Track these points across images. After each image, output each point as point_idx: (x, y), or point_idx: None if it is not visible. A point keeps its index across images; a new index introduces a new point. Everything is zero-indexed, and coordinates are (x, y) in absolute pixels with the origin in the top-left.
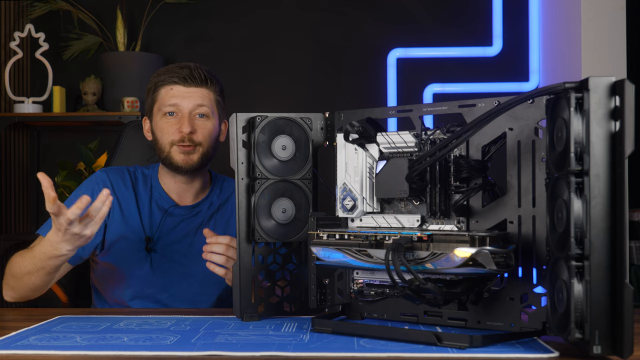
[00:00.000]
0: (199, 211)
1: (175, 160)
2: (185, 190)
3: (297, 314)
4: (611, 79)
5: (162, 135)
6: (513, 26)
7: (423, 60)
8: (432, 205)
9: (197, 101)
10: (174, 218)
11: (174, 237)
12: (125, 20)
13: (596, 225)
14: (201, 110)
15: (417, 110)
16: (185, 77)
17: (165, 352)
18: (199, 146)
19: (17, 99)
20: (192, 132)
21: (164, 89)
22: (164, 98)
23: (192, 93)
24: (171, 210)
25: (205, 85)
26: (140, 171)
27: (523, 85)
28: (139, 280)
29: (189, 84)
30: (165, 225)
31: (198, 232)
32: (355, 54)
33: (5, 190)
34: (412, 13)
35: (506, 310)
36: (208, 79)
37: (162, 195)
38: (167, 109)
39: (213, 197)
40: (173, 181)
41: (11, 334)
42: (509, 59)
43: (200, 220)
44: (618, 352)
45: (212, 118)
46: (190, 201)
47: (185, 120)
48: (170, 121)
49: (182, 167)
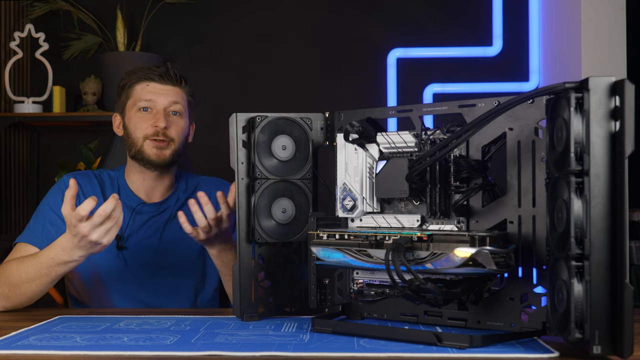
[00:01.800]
0: (166, 207)
1: (148, 154)
2: (153, 187)
3: (297, 314)
4: (611, 79)
5: (136, 129)
6: (513, 26)
7: (423, 60)
8: (432, 205)
9: (172, 98)
10: (142, 216)
11: (144, 234)
12: (125, 20)
13: (596, 225)
14: (175, 107)
15: (417, 110)
16: (162, 74)
17: (165, 352)
18: (171, 142)
19: (17, 99)
20: (166, 127)
21: (140, 85)
22: (140, 94)
23: (167, 90)
24: (139, 208)
25: (179, 84)
26: (106, 174)
27: (523, 85)
28: (114, 278)
29: (165, 82)
30: (135, 223)
31: (166, 227)
32: (355, 54)
33: (5, 190)
34: (412, 13)
35: (506, 310)
36: (182, 79)
37: (129, 194)
38: (142, 104)
39: (179, 192)
40: (142, 178)
41: (11, 334)
42: (509, 59)
43: (167, 215)
44: (618, 352)
45: (184, 117)
46: (158, 198)
47: (160, 115)
48: (145, 116)
49: (154, 162)
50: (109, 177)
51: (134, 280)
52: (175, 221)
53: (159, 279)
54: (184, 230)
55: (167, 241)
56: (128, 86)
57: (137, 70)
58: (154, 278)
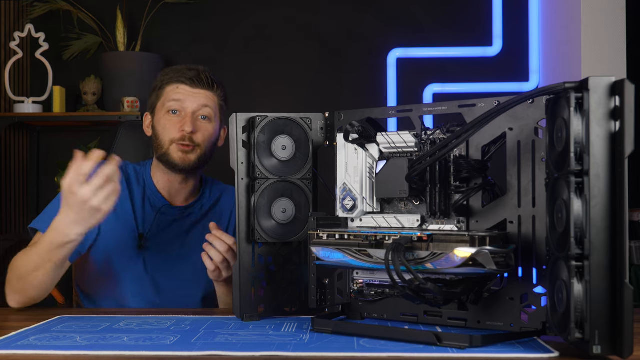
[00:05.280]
0: (190, 213)
1: (173, 158)
2: (178, 190)
3: (297, 314)
4: (611, 79)
5: (164, 132)
6: (513, 26)
7: (423, 60)
8: (432, 205)
9: (202, 102)
10: (166, 217)
11: (166, 238)
12: (125, 20)
13: (596, 225)
14: (204, 111)
15: (417, 110)
16: (193, 78)
17: (165, 352)
18: (197, 147)
19: (17, 99)
20: (193, 132)
21: (170, 87)
22: (169, 95)
23: (197, 94)
24: (164, 209)
25: (211, 89)
26: (131, 167)
27: (523, 85)
28: (132, 276)
29: (196, 85)
30: (158, 224)
31: (189, 234)
32: (355, 54)
33: (5, 190)
34: (412, 13)
35: (506, 310)
36: (215, 83)
37: (155, 193)
38: (171, 105)
39: (204, 199)
40: (167, 179)
41: (11, 334)
42: (509, 59)
43: (191, 222)
44: (618, 352)
45: (213, 121)
46: (181, 202)
47: (188, 119)
48: (173, 119)
49: (178, 165)
50: (134, 171)
51: (151, 284)
52: (197, 229)
53: (173, 288)
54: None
55: (188, 249)
56: (159, 87)
57: (170, 72)
58: (168, 285)
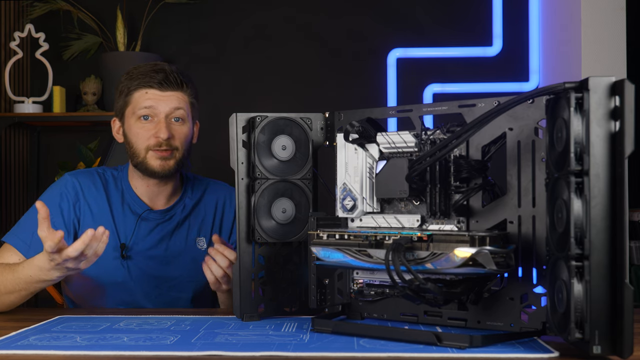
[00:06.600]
0: (172, 214)
1: (152, 166)
2: (158, 194)
3: (297, 314)
4: (611, 79)
5: (137, 139)
6: (513, 26)
7: (423, 60)
8: (432, 205)
9: (173, 104)
10: (149, 223)
11: (150, 243)
12: (125, 20)
13: (596, 225)
14: (177, 113)
15: (417, 110)
16: (161, 81)
17: (165, 352)
18: (175, 151)
19: (17, 99)
20: (169, 137)
21: (139, 92)
22: (139, 102)
23: (168, 97)
24: (145, 215)
25: (180, 88)
26: (109, 173)
27: (523, 85)
28: (118, 287)
29: (165, 88)
30: (140, 231)
31: (173, 236)
32: (355, 54)
33: (5, 190)
34: (412, 13)
35: (506, 310)
36: (184, 82)
37: (135, 199)
38: (142, 111)
39: (185, 199)
40: (145, 184)
41: (11, 334)
42: (509, 59)
43: (174, 223)
44: (618, 352)
45: (187, 121)
46: (162, 204)
47: (162, 125)
48: (145, 126)
49: (158, 173)
50: (112, 177)
51: (140, 291)
52: (181, 230)
53: (164, 291)
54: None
55: (172, 251)
56: (126, 93)
57: (136, 76)
58: (159, 290)
